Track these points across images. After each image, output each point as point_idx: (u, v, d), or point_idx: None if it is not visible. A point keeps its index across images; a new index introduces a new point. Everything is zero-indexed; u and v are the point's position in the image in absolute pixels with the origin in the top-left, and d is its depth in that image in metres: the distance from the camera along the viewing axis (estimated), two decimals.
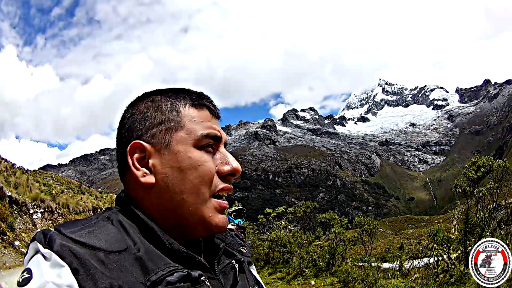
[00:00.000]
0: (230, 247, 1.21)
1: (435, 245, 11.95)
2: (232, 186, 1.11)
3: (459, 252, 11.32)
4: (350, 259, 16.60)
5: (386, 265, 15.73)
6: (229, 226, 7.74)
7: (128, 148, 1.04)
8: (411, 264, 14.15)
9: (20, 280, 0.83)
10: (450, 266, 11.03)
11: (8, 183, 19.27)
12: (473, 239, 10.92)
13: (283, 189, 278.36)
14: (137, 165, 1.03)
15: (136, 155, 1.04)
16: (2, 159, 30.82)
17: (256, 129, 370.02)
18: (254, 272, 1.25)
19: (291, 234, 20.64)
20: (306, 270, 15.83)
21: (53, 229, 0.91)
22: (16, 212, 16.43)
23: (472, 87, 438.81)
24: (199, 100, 1.12)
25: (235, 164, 1.10)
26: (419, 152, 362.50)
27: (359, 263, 15.14)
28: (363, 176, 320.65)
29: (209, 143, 1.07)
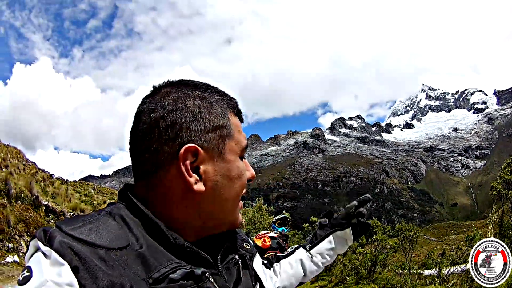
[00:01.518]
0: (234, 243, 1.21)
1: (471, 250, 13.43)
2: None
3: None
4: (391, 266, 16.00)
5: (427, 271, 15.11)
6: (272, 234, 8.42)
7: (182, 151, 0.97)
8: (449, 270, 13.11)
9: (21, 279, 0.83)
10: None
11: (45, 193, 19.43)
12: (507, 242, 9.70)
13: (332, 198, 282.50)
14: (190, 171, 0.98)
15: (189, 160, 0.98)
16: (39, 169, 31.82)
17: (305, 139, 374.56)
18: (257, 265, 1.27)
19: None
20: (348, 278, 15.92)
21: (54, 226, 0.89)
22: (53, 221, 16.28)
23: (508, 89, 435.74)
24: (238, 107, 1.12)
25: (252, 170, 1.13)
26: (462, 157, 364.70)
27: (399, 270, 14.84)
28: (409, 183, 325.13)
29: (244, 154, 1.10)
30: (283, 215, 9.83)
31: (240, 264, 1.15)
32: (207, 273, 0.95)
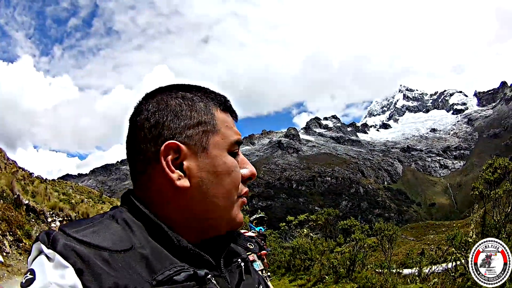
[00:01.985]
0: (237, 244, 1.20)
1: (453, 249, 11.98)
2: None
3: None
4: (371, 265, 16.62)
5: (406, 271, 15.81)
6: (250, 234, 8.38)
7: (163, 148, 1.00)
8: (430, 269, 14.07)
9: (23, 281, 0.82)
10: (467, 270, 10.28)
11: (26, 192, 19.57)
12: None
13: (307, 197, 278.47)
14: (172, 167, 1.00)
15: (170, 156, 1.00)
16: (19, 168, 31.61)
17: (279, 138, 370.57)
18: (257, 267, 2.35)
19: (312, 241, 20.78)
20: (327, 277, 15.98)
21: (57, 229, 0.89)
22: (33, 220, 16.56)
23: (489, 90, 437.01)
24: (226, 103, 1.12)
25: (252, 168, 1.12)
26: (440, 158, 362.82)
27: (379, 269, 15.29)
28: (385, 183, 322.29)
29: (236, 149, 1.09)
30: (260, 215, 10.28)
31: (243, 267, 1.14)
32: (210, 275, 0.94)
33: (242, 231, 7.81)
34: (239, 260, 1.15)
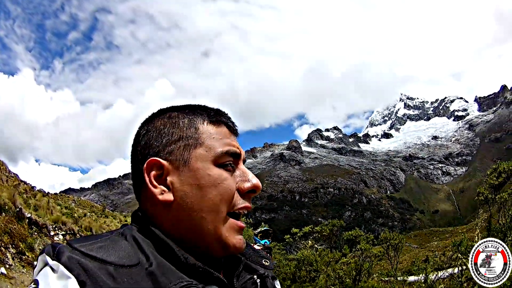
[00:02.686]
0: (252, 261, 1.18)
1: (459, 254, 11.91)
2: (251, 205, 1.09)
3: None
4: (377, 274, 16.61)
5: (412, 278, 15.66)
6: (256, 247, 5.84)
7: (145, 166, 1.03)
8: (436, 275, 13.92)
9: None
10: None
11: (28, 205, 19.54)
12: None
13: (310, 209, 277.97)
14: (154, 183, 1.02)
15: (153, 172, 1.03)
16: (21, 181, 31.47)
17: (282, 151, 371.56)
18: (279, 287, 1.24)
19: (317, 252, 20.69)
20: (332, 287, 16.00)
21: (64, 243, 0.90)
22: (36, 233, 16.55)
23: (490, 95, 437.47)
24: (217, 116, 1.11)
25: (255, 180, 1.08)
26: (442, 165, 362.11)
27: (385, 278, 15.35)
28: (388, 192, 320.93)
29: (229, 161, 1.06)
30: (265, 228, 9.89)
31: (259, 284, 1.12)
32: None
33: None
34: (255, 277, 1.12)
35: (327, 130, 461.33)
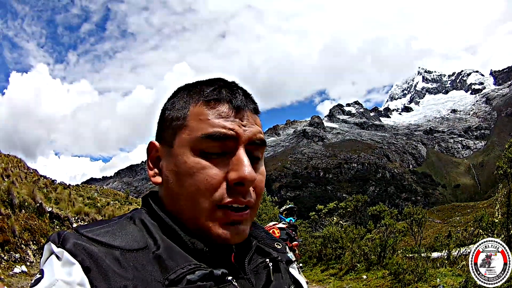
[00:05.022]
0: (265, 244, 1.13)
1: (480, 230, 11.60)
2: (244, 199, 0.94)
3: (503, 236, 10.57)
4: (401, 250, 16.07)
5: (435, 254, 15.09)
6: (281, 225, 8.62)
7: (147, 147, 1.03)
8: (458, 251, 13.43)
9: (33, 281, 0.82)
10: None
11: (48, 199, 19.31)
12: None
13: (334, 185, 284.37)
14: (150, 165, 1.02)
15: (152, 154, 1.03)
16: (41, 176, 31.98)
17: (304, 127, 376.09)
18: (294, 271, 1.20)
19: (343, 229, 20.41)
20: (358, 265, 15.75)
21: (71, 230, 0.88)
22: (58, 227, 16.25)
23: (504, 69, 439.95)
24: (215, 93, 0.97)
25: (243, 171, 0.91)
26: (462, 138, 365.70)
27: (409, 254, 14.84)
28: (410, 166, 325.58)
29: (212, 146, 0.93)
30: (289, 205, 9.78)
31: (271, 267, 1.06)
32: (231, 277, 0.90)
33: (272, 223, 9.03)
34: (267, 260, 1.07)
35: (348, 105, 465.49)
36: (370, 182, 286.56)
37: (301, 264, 11.18)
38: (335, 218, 24.75)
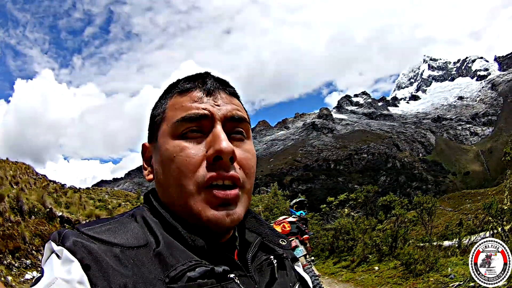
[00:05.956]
0: (269, 241, 1.11)
1: (490, 218, 11.43)
2: (228, 173, 0.93)
3: None
4: (412, 240, 15.90)
5: (446, 243, 15.23)
6: (291, 219, 8.51)
7: (141, 150, 1.09)
8: (469, 239, 13.47)
9: (33, 280, 0.81)
10: (504, 238, 10.07)
11: (59, 204, 19.30)
12: None
13: (345, 176, 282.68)
14: (145, 165, 1.06)
15: (145, 154, 1.07)
16: (50, 181, 31.75)
17: (313, 120, 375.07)
18: (299, 269, 1.19)
19: (354, 220, 20.30)
20: (370, 256, 15.77)
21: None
22: None
23: (508, 54, 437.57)
24: (185, 83, 1.03)
25: (219, 144, 0.92)
26: (470, 125, 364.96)
27: (421, 244, 14.84)
28: (420, 154, 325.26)
29: (188, 127, 0.96)
30: (299, 199, 9.74)
31: (275, 264, 1.06)
32: (233, 274, 0.89)
33: (283, 217, 8.94)
34: (271, 257, 1.07)
35: (356, 95, 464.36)
36: (381, 172, 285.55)
37: (313, 258, 11.07)
38: (346, 209, 24.29)
